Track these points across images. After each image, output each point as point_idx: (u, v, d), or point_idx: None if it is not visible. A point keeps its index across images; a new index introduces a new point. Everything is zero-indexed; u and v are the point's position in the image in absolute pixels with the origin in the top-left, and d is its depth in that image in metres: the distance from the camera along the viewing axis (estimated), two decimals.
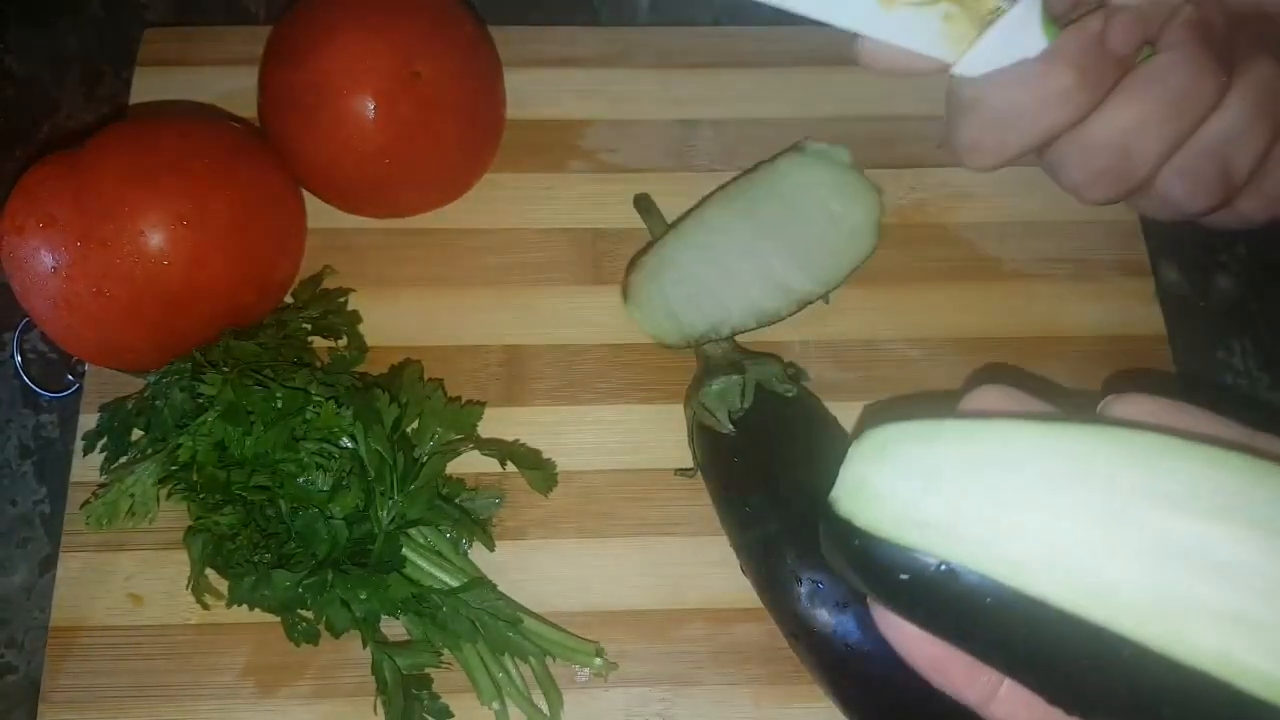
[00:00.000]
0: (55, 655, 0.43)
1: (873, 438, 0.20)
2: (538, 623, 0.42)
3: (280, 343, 0.44)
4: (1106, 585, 0.17)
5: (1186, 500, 0.18)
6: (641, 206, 0.50)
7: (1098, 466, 0.18)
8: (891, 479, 0.20)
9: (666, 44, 0.55)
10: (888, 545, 0.19)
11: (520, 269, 0.50)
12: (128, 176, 0.41)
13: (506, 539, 0.45)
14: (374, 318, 0.48)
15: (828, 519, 0.21)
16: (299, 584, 0.39)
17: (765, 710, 0.43)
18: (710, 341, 0.46)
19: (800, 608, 0.39)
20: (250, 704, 0.42)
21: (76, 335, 0.43)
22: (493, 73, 0.51)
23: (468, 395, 0.47)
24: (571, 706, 0.42)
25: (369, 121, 0.45)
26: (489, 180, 0.52)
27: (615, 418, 0.48)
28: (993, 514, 0.19)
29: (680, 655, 0.43)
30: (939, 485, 0.19)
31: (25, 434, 0.49)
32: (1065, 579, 0.18)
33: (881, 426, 0.20)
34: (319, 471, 0.40)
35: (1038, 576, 0.18)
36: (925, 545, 0.19)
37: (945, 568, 0.19)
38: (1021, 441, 0.19)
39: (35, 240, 0.41)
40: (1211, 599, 0.17)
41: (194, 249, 0.42)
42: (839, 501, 0.20)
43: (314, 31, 0.46)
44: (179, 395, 0.42)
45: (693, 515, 0.45)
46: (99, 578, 0.44)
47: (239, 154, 0.45)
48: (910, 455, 0.20)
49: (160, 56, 0.54)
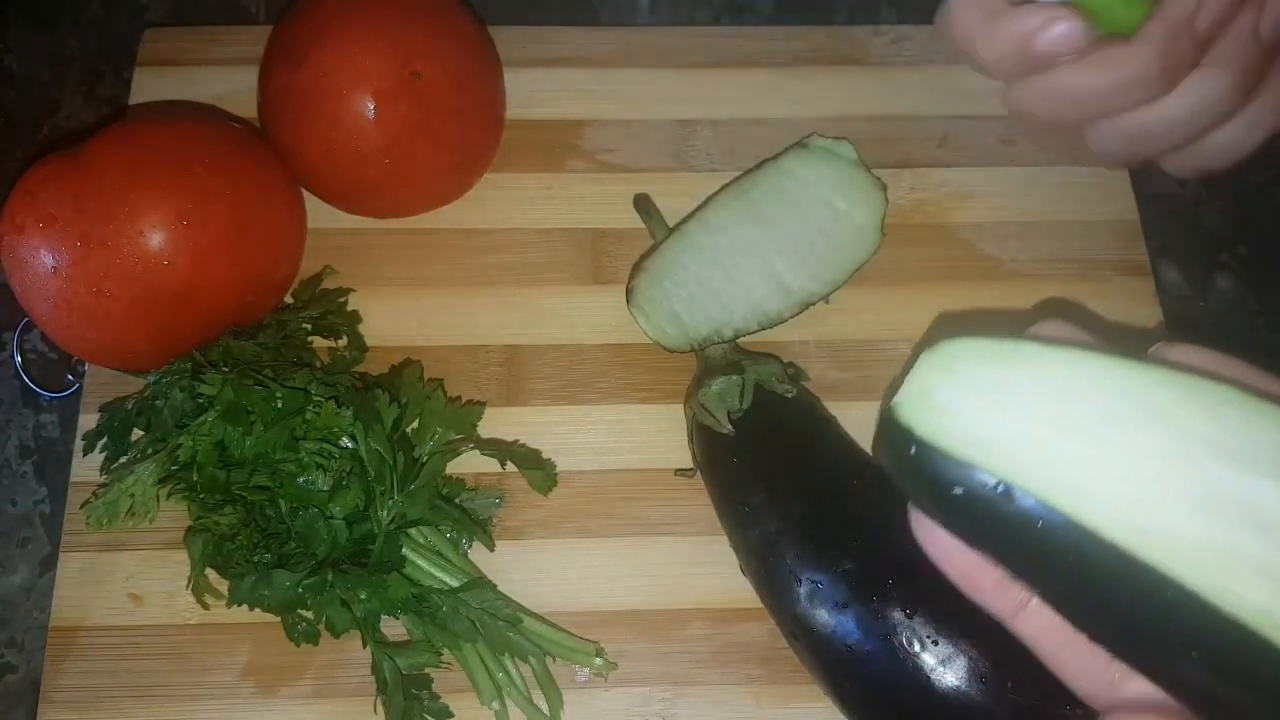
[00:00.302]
0: (55, 655, 0.43)
1: (943, 350, 0.20)
2: (538, 623, 0.42)
3: (280, 343, 0.44)
4: (1160, 527, 0.17)
5: (1242, 452, 0.17)
6: (641, 207, 0.50)
7: (1158, 407, 0.18)
8: (957, 393, 0.19)
9: (666, 44, 0.55)
10: (946, 458, 0.19)
11: (520, 269, 0.50)
12: (128, 177, 0.41)
13: (506, 539, 0.45)
14: (374, 318, 0.48)
15: (886, 424, 0.20)
16: (299, 584, 0.39)
17: (765, 710, 0.43)
18: (712, 344, 0.46)
19: (800, 608, 0.39)
20: (250, 704, 0.42)
21: (76, 335, 0.43)
22: (493, 73, 0.51)
23: (468, 395, 0.47)
24: (571, 706, 0.42)
25: (369, 121, 0.45)
26: (489, 180, 0.52)
27: (615, 418, 0.48)
28: (1055, 441, 0.18)
29: (680, 655, 0.44)
30: (1004, 405, 0.19)
31: (25, 434, 0.49)
32: (1120, 515, 0.18)
33: (953, 340, 0.20)
34: (319, 471, 0.40)
35: (1093, 508, 0.18)
36: (984, 463, 0.19)
37: (1003, 488, 0.18)
38: (1088, 373, 0.19)
39: (35, 240, 0.41)
40: (1259, 555, 0.17)
41: (194, 249, 0.42)
42: (901, 407, 0.20)
43: (314, 31, 0.46)
44: (179, 395, 0.42)
45: (692, 515, 0.46)
46: (99, 578, 0.44)
47: (239, 154, 0.45)
48: (978, 372, 0.19)
49: (160, 57, 0.54)
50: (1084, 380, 0.19)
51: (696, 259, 0.47)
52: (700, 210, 0.49)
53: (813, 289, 0.47)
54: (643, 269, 0.47)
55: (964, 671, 0.37)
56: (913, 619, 0.37)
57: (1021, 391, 0.19)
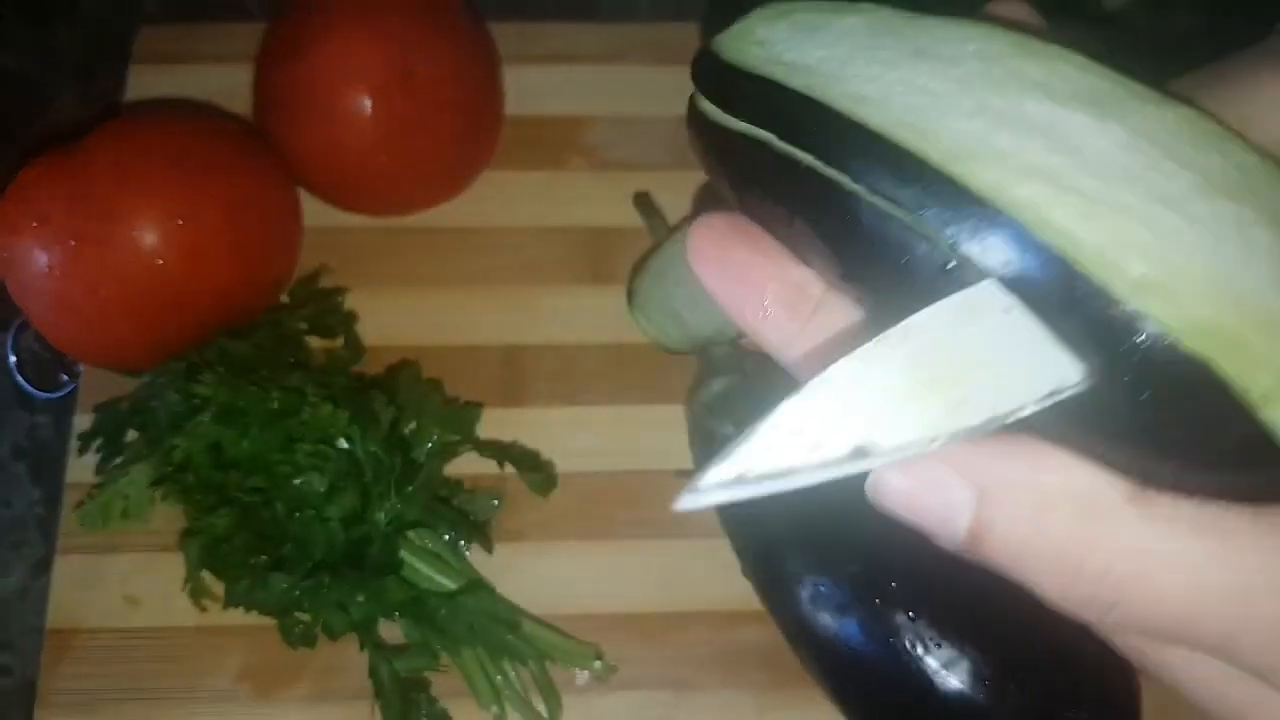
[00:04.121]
0: (51, 658, 0.42)
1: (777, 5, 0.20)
2: (537, 626, 0.42)
3: (276, 343, 0.44)
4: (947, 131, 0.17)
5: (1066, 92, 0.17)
6: (642, 205, 0.50)
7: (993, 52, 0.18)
8: (778, 32, 0.19)
9: (667, 40, 0.55)
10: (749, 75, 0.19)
11: (520, 268, 0.50)
12: (123, 175, 0.41)
13: (505, 541, 0.45)
14: (371, 317, 0.48)
15: (696, 63, 0.20)
16: (295, 586, 0.39)
17: (766, 714, 0.43)
18: (714, 345, 0.45)
19: (802, 611, 0.39)
20: (247, 707, 0.42)
21: (71, 335, 0.43)
22: (491, 69, 0.50)
23: (466, 396, 0.47)
24: (571, 711, 0.42)
25: (365, 118, 0.44)
26: (487, 178, 0.51)
27: (615, 419, 0.47)
28: (859, 69, 0.18)
29: (681, 659, 0.43)
30: (821, 40, 0.18)
31: (19, 435, 0.49)
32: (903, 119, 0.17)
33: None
34: (315, 473, 0.40)
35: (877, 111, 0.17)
36: (786, 79, 0.18)
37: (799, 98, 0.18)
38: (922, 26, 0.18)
39: (29, 240, 0.41)
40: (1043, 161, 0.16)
41: (189, 248, 0.42)
42: (716, 42, 0.20)
43: (310, 28, 0.45)
44: (174, 396, 0.41)
45: (693, 517, 0.45)
46: (94, 580, 0.44)
47: (235, 152, 0.45)
48: (808, 17, 0.19)
49: (155, 54, 0.53)
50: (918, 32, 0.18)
51: None
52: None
53: None
54: (643, 269, 0.47)
55: (967, 674, 0.37)
56: (916, 621, 0.37)
57: (842, 34, 0.19)
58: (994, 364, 0.16)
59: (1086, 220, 0.16)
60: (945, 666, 0.37)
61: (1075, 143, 0.16)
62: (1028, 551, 0.17)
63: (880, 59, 0.18)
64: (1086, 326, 0.15)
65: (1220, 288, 0.15)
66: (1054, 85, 0.17)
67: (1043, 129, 0.17)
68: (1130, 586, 0.16)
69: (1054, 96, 0.17)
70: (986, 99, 0.17)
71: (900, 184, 0.17)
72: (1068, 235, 0.16)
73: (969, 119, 0.17)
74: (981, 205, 0.16)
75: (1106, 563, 0.16)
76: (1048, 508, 0.17)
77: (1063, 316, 0.16)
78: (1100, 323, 0.15)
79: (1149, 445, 0.16)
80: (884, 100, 0.17)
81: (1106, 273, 0.15)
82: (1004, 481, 0.17)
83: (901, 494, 0.17)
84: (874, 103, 0.17)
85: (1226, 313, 0.15)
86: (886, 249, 0.17)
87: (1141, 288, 0.15)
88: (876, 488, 0.18)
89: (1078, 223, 0.16)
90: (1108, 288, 0.15)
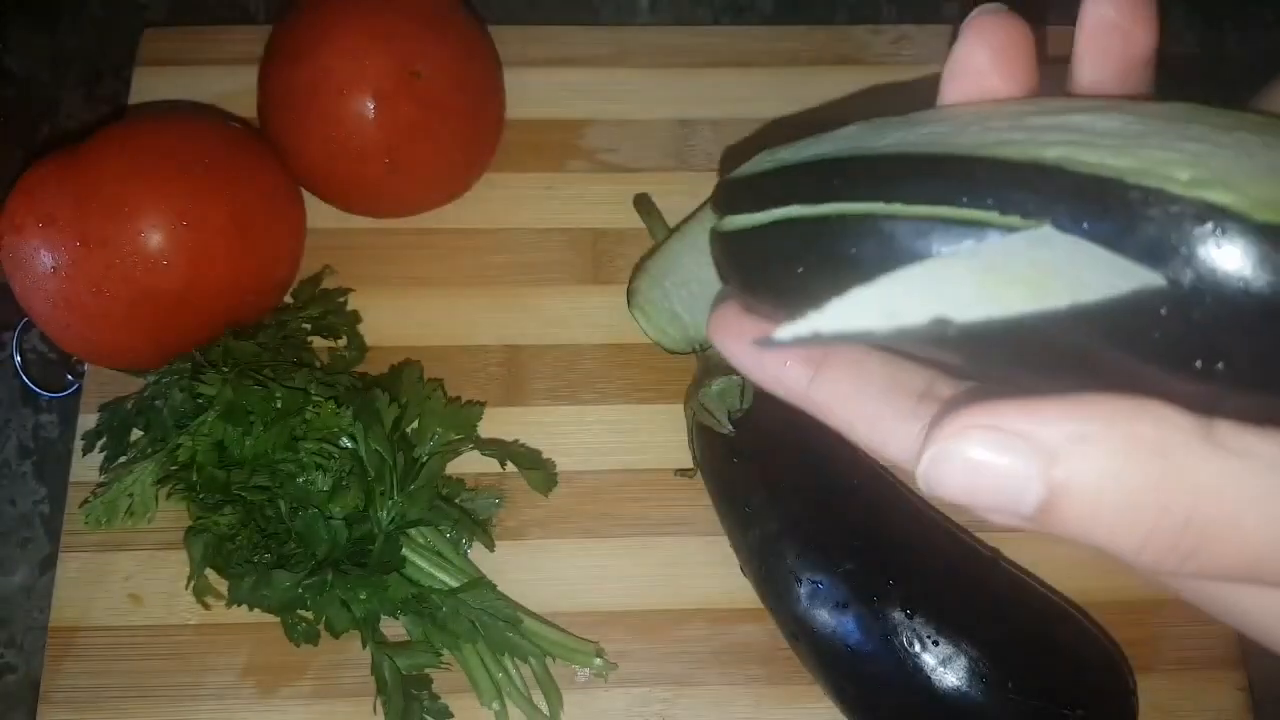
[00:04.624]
0: (55, 655, 0.43)
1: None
2: (537, 623, 0.42)
3: (280, 343, 0.44)
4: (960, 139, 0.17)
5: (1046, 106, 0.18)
6: (641, 206, 0.50)
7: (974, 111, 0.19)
8: (782, 150, 0.20)
9: (666, 43, 0.55)
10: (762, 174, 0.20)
11: (520, 269, 0.50)
12: (127, 176, 0.41)
13: (506, 539, 0.45)
14: (374, 318, 0.48)
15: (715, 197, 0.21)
16: (299, 584, 0.39)
17: (765, 711, 0.43)
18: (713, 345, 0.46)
19: (800, 608, 0.39)
20: (250, 704, 0.42)
21: (76, 335, 0.43)
22: (492, 72, 0.51)
23: (468, 395, 0.47)
24: (571, 707, 0.42)
25: (368, 121, 0.45)
26: (488, 180, 0.52)
27: (615, 418, 0.47)
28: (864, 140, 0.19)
29: (680, 656, 0.43)
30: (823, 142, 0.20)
31: (25, 434, 0.49)
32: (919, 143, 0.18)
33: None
34: (319, 472, 0.40)
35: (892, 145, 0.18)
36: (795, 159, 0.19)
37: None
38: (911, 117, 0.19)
39: (35, 240, 0.41)
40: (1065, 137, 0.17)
41: (193, 249, 0.42)
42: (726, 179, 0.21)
43: (314, 31, 0.45)
44: (178, 395, 0.42)
45: (693, 515, 0.45)
46: (98, 578, 0.44)
47: (239, 154, 0.45)
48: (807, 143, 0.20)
49: (160, 56, 0.53)
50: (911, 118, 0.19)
51: (697, 259, 0.47)
52: (701, 210, 0.49)
53: None
54: (643, 269, 0.47)
55: (964, 671, 0.37)
56: (913, 619, 0.37)
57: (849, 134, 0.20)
58: (1072, 267, 0.15)
59: (1119, 156, 0.16)
60: (942, 664, 0.37)
61: (1085, 126, 0.17)
62: (1104, 510, 0.16)
63: (882, 131, 0.19)
64: (1156, 234, 0.15)
65: (1273, 174, 0.15)
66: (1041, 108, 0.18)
67: (1051, 126, 0.17)
68: (1212, 530, 0.16)
69: (1050, 111, 0.18)
70: (988, 122, 0.18)
71: (929, 185, 0.17)
72: (1105, 165, 0.15)
73: (980, 134, 0.17)
74: (1016, 168, 0.16)
75: (1188, 508, 0.15)
76: (1121, 459, 0.15)
77: (1129, 234, 0.15)
78: (1167, 224, 0.15)
79: (1223, 365, 0.15)
80: (897, 141, 0.18)
81: (1157, 181, 0.15)
82: (1074, 439, 0.16)
83: (960, 475, 0.16)
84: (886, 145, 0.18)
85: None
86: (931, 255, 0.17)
87: (1195, 184, 0.15)
88: (930, 474, 0.16)
89: (1112, 158, 0.16)
90: (1164, 188, 0.15)
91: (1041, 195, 0.16)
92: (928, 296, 0.15)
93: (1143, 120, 0.17)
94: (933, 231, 0.17)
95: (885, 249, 0.17)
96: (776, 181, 0.19)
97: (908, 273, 0.16)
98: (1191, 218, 0.15)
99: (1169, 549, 0.16)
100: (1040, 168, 0.16)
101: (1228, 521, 0.16)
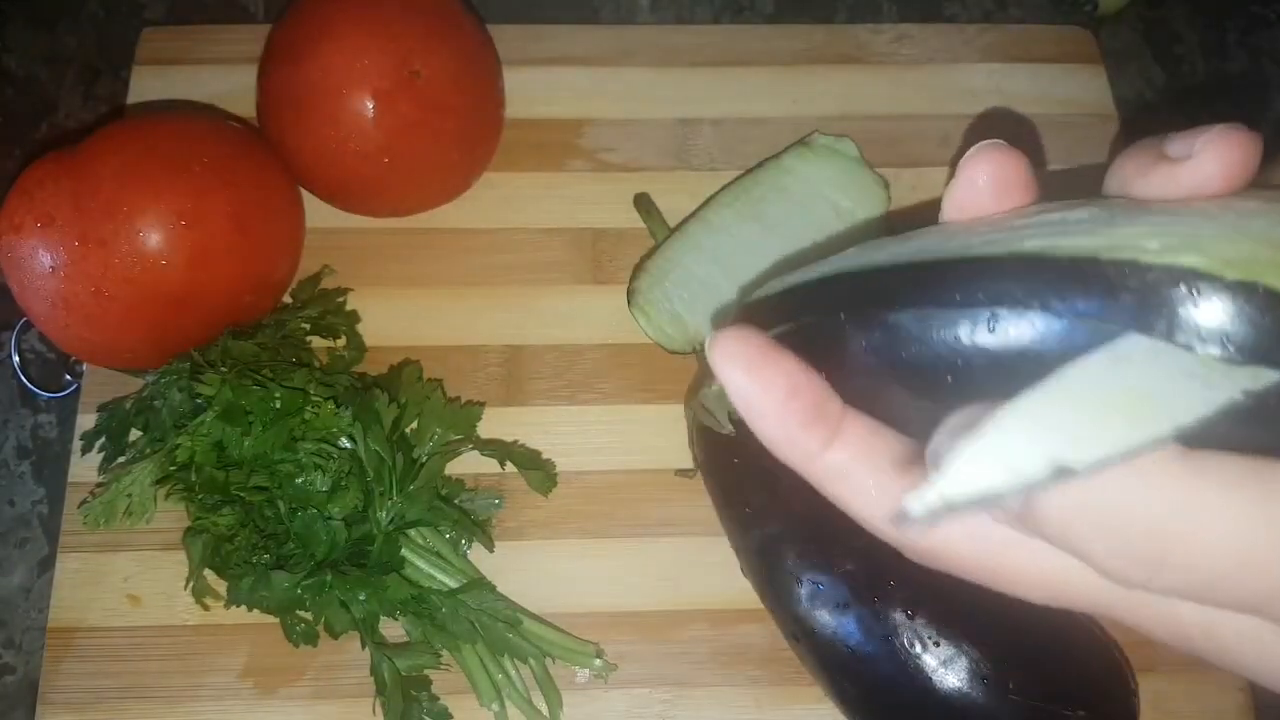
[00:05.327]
0: (53, 656, 0.42)
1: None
2: (537, 624, 0.42)
3: (279, 343, 0.44)
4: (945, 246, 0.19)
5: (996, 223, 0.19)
6: (642, 206, 0.50)
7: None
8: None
9: (666, 42, 0.55)
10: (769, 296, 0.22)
11: (520, 269, 0.50)
12: (126, 176, 0.41)
13: (506, 540, 0.45)
14: (373, 318, 0.48)
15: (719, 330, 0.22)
16: (298, 585, 0.39)
17: (766, 712, 0.43)
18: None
19: (800, 609, 0.39)
20: (249, 705, 0.42)
21: (74, 335, 0.43)
22: (492, 71, 0.50)
23: (467, 395, 0.47)
24: (571, 708, 0.42)
25: (368, 120, 0.45)
26: (488, 180, 0.52)
27: (615, 418, 0.47)
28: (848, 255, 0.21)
29: (680, 656, 0.43)
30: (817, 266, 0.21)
31: (23, 434, 0.49)
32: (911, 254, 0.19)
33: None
34: (318, 472, 0.40)
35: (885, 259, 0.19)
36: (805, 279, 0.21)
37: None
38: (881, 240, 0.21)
39: (33, 240, 0.41)
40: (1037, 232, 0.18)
41: (192, 249, 0.42)
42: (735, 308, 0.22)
43: (313, 31, 0.45)
44: (177, 395, 0.42)
45: (693, 516, 0.45)
46: (97, 578, 0.44)
47: (237, 153, 0.45)
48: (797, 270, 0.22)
49: (158, 56, 0.53)
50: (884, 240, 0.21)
51: (698, 259, 0.47)
52: (701, 210, 0.48)
53: None
54: (644, 269, 0.47)
55: (965, 672, 0.37)
56: (914, 620, 0.37)
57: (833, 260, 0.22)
58: (1161, 382, 0.16)
59: (1092, 237, 0.17)
60: (943, 665, 0.37)
61: (1059, 220, 0.18)
62: (1079, 516, 0.17)
63: (879, 248, 0.20)
64: (1136, 303, 0.16)
65: (1237, 235, 0.16)
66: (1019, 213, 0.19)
67: (1028, 224, 0.18)
68: (1180, 542, 0.16)
69: (1027, 214, 0.19)
70: (973, 230, 0.19)
71: (927, 291, 0.18)
72: (1077, 248, 0.17)
73: (965, 240, 0.19)
74: (999, 263, 0.17)
75: (1158, 519, 0.16)
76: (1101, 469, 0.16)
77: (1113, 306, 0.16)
78: (1145, 292, 0.16)
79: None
80: (892, 254, 0.19)
81: (1126, 254, 0.16)
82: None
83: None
84: (882, 259, 0.19)
85: (1258, 248, 0.16)
86: (932, 348, 0.18)
87: (1166, 252, 0.16)
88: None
89: (1086, 240, 0.17)
90: (1137, 259, 0.16)
91: (1025, 283, 0.17)
92: (1038, 443, 0.16)
93: (1108, 207, 0.18)
94: (931, 320, 0.18)
95: (892, 337, 0.19)
96: (793, 294, 0.21)
97: (1008, 420, 0.16)
98: (1167, 283, 0.16)
99: (1140, 559, 0.17)
100: (1021, 258, 0.17)
101: (1196, 534, 0.16)
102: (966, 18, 0.60)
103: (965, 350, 0.18)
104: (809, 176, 0.48)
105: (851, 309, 0.19)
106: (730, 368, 0.21)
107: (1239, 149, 0.18)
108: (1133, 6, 0.60)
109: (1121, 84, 0.57)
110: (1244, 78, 0.59)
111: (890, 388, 0.20)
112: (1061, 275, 0.17)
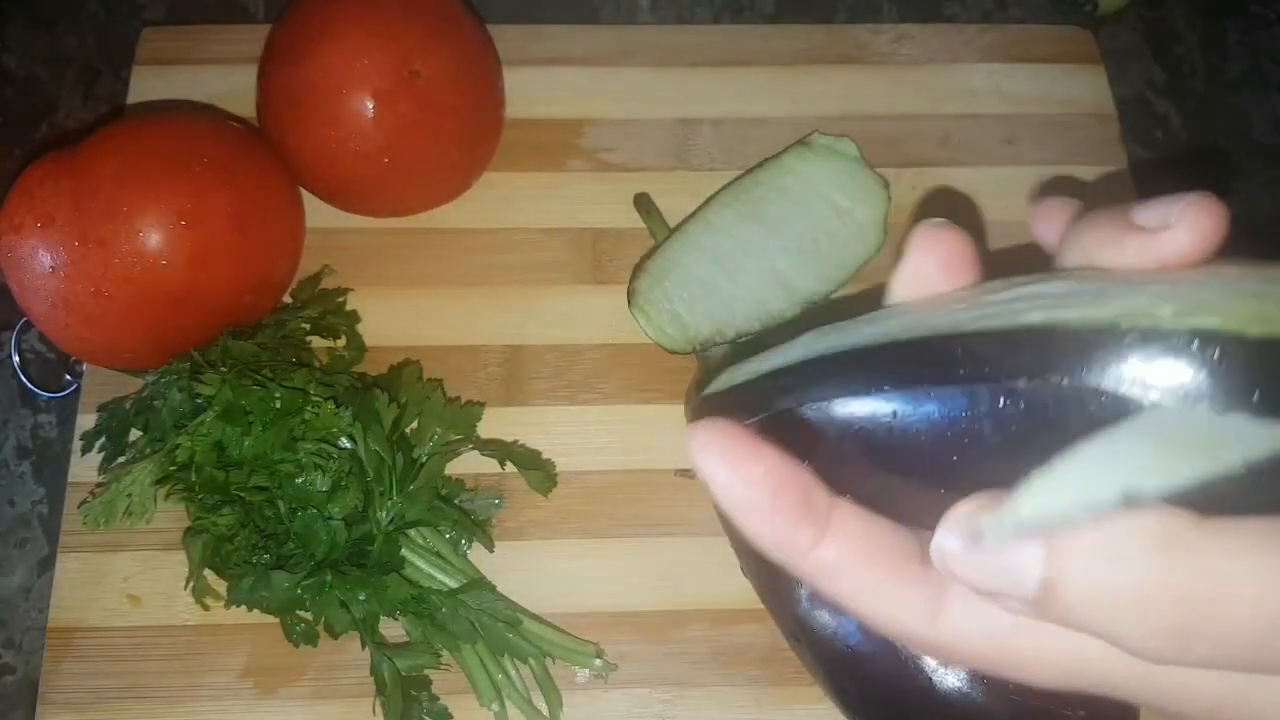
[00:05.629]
0: (53, 656, 0.42)
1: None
2: (537, 624, 0.42)
3: (279, 343, 0.44)
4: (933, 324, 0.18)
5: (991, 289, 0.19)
6: (642, 206, 0.50)
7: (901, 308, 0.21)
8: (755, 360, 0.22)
9: (666, 42, 0.55)
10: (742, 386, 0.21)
11: (520, 269, 0.50)
12: (126, 176, 0.41)
13: (506, 540, 0.45)
14: (373, 318, 0.48)
15: (699, 412, 0.21)
16: (298, 585, 0.39)
17: (766, 712, 0.43)
18: (714, 345, 0.45)
19: (801, 609, 0.39)
20: (249, 705, 0.42)
21: (74, 335, 0.43)
22: (492, 71, 0.50)
23: (467, 395, 0.47)
24: (571, 708, 0.42)
25: (368, 120, 0.45)
26: (488, 180, 0.52)
27: (615, 418, 0.47)
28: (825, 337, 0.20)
29: (681, 656, 0.43)
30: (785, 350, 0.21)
31: (23, 434, 0.49)
32: (894, 332, 0.19)
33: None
34: (318, 472, 0.40)
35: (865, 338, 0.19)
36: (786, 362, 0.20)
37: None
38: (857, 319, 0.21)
39: (33, 240, 0.41)
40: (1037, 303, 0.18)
41: (192, 249, 0.42)
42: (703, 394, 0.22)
43: (313, 31, 0.45)
44: (177, 395, 0.42)
45: (693, 516, 0.45)
46: (97, 578, 0.44)
47: (237, 153, 0.45)
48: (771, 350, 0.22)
49: (158, 56, 0.53)
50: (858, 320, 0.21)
51: (698, 259, 0.47)
52: (701, 210, 0.48)
53: (816, 288, 0.47)
54: (644, 270, 0.47)
55: (965, 672, 0.37)
56: None
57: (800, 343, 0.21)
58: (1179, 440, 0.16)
59: (1097, 309, 0.17)
60: (943, 665, 0.37)
61: (1041, 294, 0.18)
62: (1104, 595, 0.16)
63: (843, 332, 0.20)
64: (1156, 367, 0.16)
65: (1250, 298, 0.16)
66: (980, 291, 0.19)
67: (1008, 299, 0.18)
68: (1209, 609, 0.16)
69: (992, 291, 0.19)
70: (948, 307, 0.19)
71: (923, 368, 0.18)
72: (1091, 318, 0.16)
73: (949, 316, 0.18)
74: (1008, 335, 0.17)
75: (1186, 588, 0.16)
76: (1121, 545, 0.16)
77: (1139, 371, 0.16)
78: (1163, 356, 0.16)
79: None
80: (870, 335, 0.19)
81: (1148, 320, 0.16)
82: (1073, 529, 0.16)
83: (968, 562, 0.17)
84: (858, 340, 0.19)
85: (1265, 306, 0.16)
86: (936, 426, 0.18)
87: (1181, 315, 0.16)
88: (941, 557, 0.17)
89: (1093, 311, 0.17)
90: (1156, 325, 0.16)
91: (1041, 355, 0.17)
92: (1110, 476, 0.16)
93: (1083, 279, 0.18)
94: (929, 399, 0.18)
95: (887, 419, 0.18)
96: (761, 388, 0.20)
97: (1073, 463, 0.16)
98: (1188, 345, 0.16)
99: (1172, 631, 0.16)
100: (1032, 330, 0.17)
101: (1224, 600, 0.16)
102: (966, 18, 0.60)
103: (975, 427, 0.17)
104: (809, 176, 0.48)
105: (840, 391, 0.19)
106: (712, 464, 0.19)
107: (1213, 218, 0.18)
108: (1133, 6, 0.60)
109: (1121, 84, 0.57)
110: (1244, 78, 0.59)
111: (876, 473, 0.19)
112: (1083, 346, 0.16)
